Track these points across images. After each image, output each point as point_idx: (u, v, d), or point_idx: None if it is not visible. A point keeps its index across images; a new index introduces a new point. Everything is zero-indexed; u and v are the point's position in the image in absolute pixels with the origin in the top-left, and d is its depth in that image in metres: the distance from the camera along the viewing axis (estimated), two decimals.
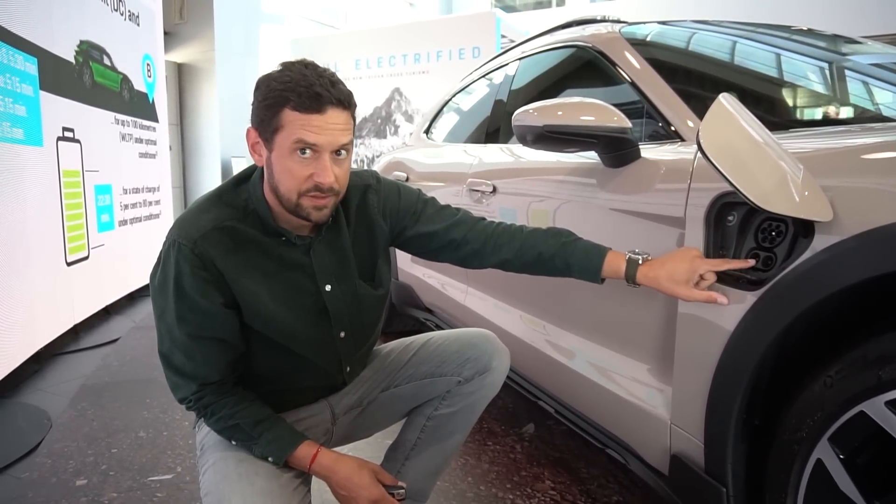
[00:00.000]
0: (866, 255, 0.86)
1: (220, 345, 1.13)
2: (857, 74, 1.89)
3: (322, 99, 1.04)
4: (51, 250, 3.05)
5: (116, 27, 4.02)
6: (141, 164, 4.41)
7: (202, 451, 1.21)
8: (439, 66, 6.86)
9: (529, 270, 1.31)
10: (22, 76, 2.75)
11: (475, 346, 1.33)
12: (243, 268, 1.12)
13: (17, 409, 2.44)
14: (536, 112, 1.44)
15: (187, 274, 1.08)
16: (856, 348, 0.92)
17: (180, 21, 7.06)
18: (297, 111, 1.03)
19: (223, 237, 1.10)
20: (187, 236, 1.09)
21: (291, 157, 1.06)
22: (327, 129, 1.05)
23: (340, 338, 1.26)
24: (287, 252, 1.17)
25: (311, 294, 1.20)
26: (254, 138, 1.11)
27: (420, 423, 1.36)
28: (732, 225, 1.11)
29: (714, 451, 1.12)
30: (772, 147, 0.98)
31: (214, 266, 1.09)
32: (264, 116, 1.06)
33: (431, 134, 3.18)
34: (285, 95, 1.03)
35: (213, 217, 1.11)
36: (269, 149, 1.08)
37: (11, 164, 2.63)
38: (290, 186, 1.07)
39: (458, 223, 1.33)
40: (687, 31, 2.00)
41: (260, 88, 1.07)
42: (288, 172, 1.07)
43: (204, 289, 1.09)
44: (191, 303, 1.09)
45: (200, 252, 1.08)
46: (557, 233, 1.29)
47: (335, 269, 1.22)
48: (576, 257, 1.23)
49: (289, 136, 1.04)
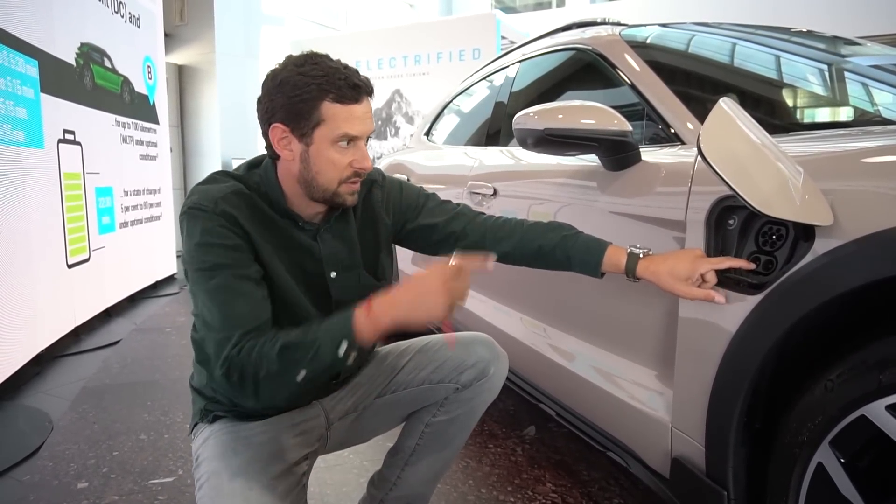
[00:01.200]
0: (867, 260, 0.86)
1: (256, 287, 1.08)
2: (857, 76, 1.89)
3: (360, 89, 1.08)
4: (52, 252, 3.05)
5: (117, 29, 4.03)
6: (142, 166, 4.42)
7: (198, 463, 1.19)
8: (439, 68, 6.85)
9: (529, 263, 1.32)
10: (23, 79, 2.76)
11: (473, 351, 1.32)
12: (262, 234, 1.12)
13: (19, 411, 2.44)
14: (537, 115, 1.45)
15: (214, 225, 1.06)
16: (856, 352, 0.92)
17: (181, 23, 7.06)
18: (339, 103, 1.06)
19: (241, 201, 1.11)
20: (208, 198, 1.08)
21: (334, 149, 1.09)
22: (366, 118, 1.10)
23: None
24: (296, 233, 1.18)
25: (317, 277, 1.21)
26: (281, 134, 1.10)
27: (418, 429, 1.35)
28: (733, 228, 1.11)
29: (715, 455, 1.12)
30: (772, 151, 0.98)
31: (238, 224, 1.08)
32: (300, 111, 1.06)
33: (432, 136, 3.18)
34: (325, 88, 1.05)
35: (229, 185, 1.13)
36: (305, 143, 1.09)
37: (12, 166, 2.64)
38: (332, 177, 1.10)
39: (458, 216, 1.36)
40: (687, 34, 2.00)
41: (286, 84, 1.06)
42: (330, 163, 1.09)
43: (231, 236, 1.07)
44: (219, 250, 1.05)
45: (223, 210, 1.07)
46: (558, 226, 1.30)
47: (341, 257, 1.23)
48: (576, 250, 1.24)
49: (333, 130, 1.07)
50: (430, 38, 6.96)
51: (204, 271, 1.06)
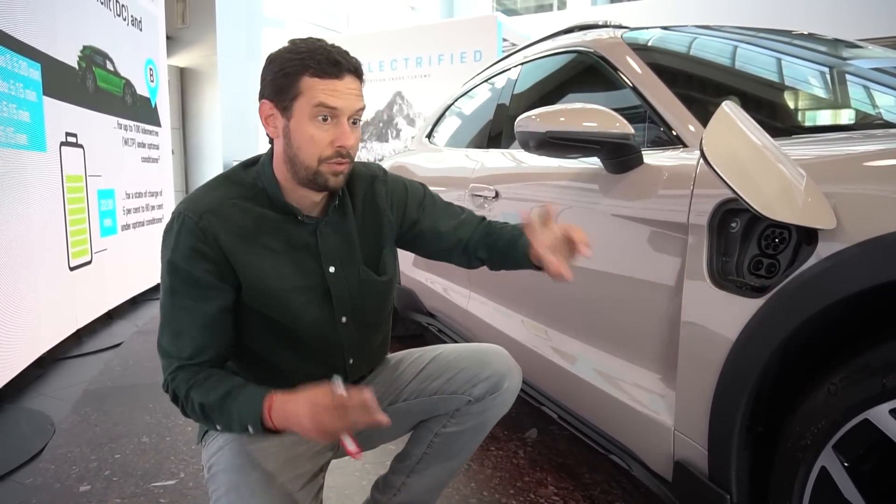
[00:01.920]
0: (870, 264, 0.86)
1: (209, 325, 1.10)
2: (858, 79, 1.90)
3: (341, 65, 1.09)
4: (54, 255, 3.05)
5: (119, 32, 4.04)
6: (143, 168, 4.42)
7: (211, 474, 1.17)
8: (441, 70, 6.86)
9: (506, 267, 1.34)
10: (25, 82, 2.76)
11: (487, 364, 1.30)
12: (249, 243, 1.13)
13: (21, 414, 2.45)
14: (539, 118, 1.45)
15: (186, 246, 1.09)
16: (860, 356, 0.92)
17: (183, 26, 7.08)
18: (317, 77, 1.07)
19: (230, 212, 1.12)
20: (194, 209, 1.10)
21: (312, 123, 1.09)
22: (346, 93, 1.09)
23: (342, 322, 1.24)
24: (294, 231, 1.18)
25: (316, 275, 1.20)
26: (268, 110, 1.12)
27: (427, 438, 1.34)
28: (736, 231, 1.11)
29: (718, 458, 1.12)
30: (775, 155, 0.98)
31: (217, 241, 1.09)
32: (282, 85, 1.08)
33: (434, 138, 3.18)
34: (305, 63, 1.07)
35: (221, 194, 1.14)
36: (286, 117, 1.10)
37: (15, 169, 2.64)
38: (312, 153, 1.10)
39: (464, 224, 1.36)
40: (689, 37, 2.00)
41: (274, 62, 1.10)
42: (309, 139, 1.09)
43: (199, 262, 1.09)
44: (184, 275, 1.09)
45: (205, 226, 1.09)
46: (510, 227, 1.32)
47: (340, 252, 1.23)
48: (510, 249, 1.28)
49: (309, 101, 1.07)
50: (432, 41, 6.98)
51: (165, 289, 1.12)
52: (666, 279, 1.28)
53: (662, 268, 1.29)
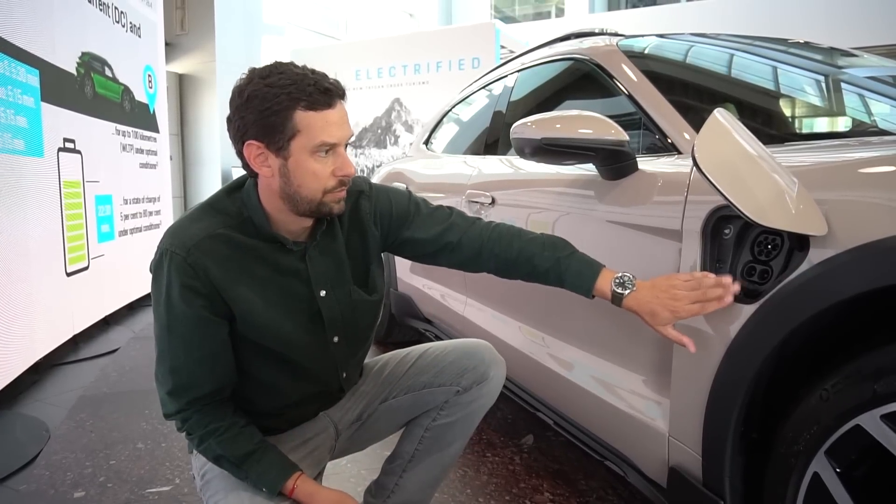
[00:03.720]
0: (861, 270, 0.87)
1: (208, 359, 1.11)
2: (853, 87, 1.91)
3: (331, 93, 1.05)
4: (51, 261, 3.05)
5: (118, 39, 4.05)
6: (141, 174, 4.43)
7: (205, 483, 1.19)
8: (439, 77, 6.89)
9: (523, 279, 1.31)
10: (24, 88, 2.77)
11: (472, 355, 1.34)
12: (238, 275, 1.10)
13: (16, 419, 2.44)
14: (534, 125, 1.46)
15: (177, 283, 1.07)
16: (851, 362, 0.92)
17: (182, 32, 7.10)
18: (312, 110, 1.02)
19: (217, 245, 1.09)
20: (181, 245, 1.07)
21: (313, 159, 1.05)
22: (342, 123, 1.07)
23: (334, 342, 1.24)
24: (282, 258, 1.15)
25: (306, 300, 1.19)
26: (256, 151, 1.06)
27: (418, 434, 1.36)
28: (729, 238, 1.12)
29: (712, 464, 1.12)
30: (767, 162, 0.99)
31: (207, 276, 1.07)
32: (273, 124, 1.02)
33: (431, 145, 3.19)
34: (293, 96, 1.01)
35: (205, 225, 1.10)
36: (283, 157, 1.05)
37: (12, 174, 2.64)
38: (315, 188, 1.07)
39: (452, 226, 1.31)
40: (684, 45, 2.01)
41: (254, 98, 1.02)
42: (312, 175, 1.06)
43: (193, 299, 1.07)
44: (179, 313, 1.08)
45: (193, 261, 1.06)
46: (553, 244, 1.26)
47: (330, 275, 1.21)
48: (569, 274, 1.22)
49: (311, 140, 1.03)
50: (430, 48, 7.01)
51: (161, 325, 1.11)
52: None
53: (656, 273, 1.29)
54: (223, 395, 1.16)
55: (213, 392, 1.13)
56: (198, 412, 1.12)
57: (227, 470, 1.14)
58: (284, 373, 1.22)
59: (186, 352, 1.10)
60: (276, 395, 1.24)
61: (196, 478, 1.24)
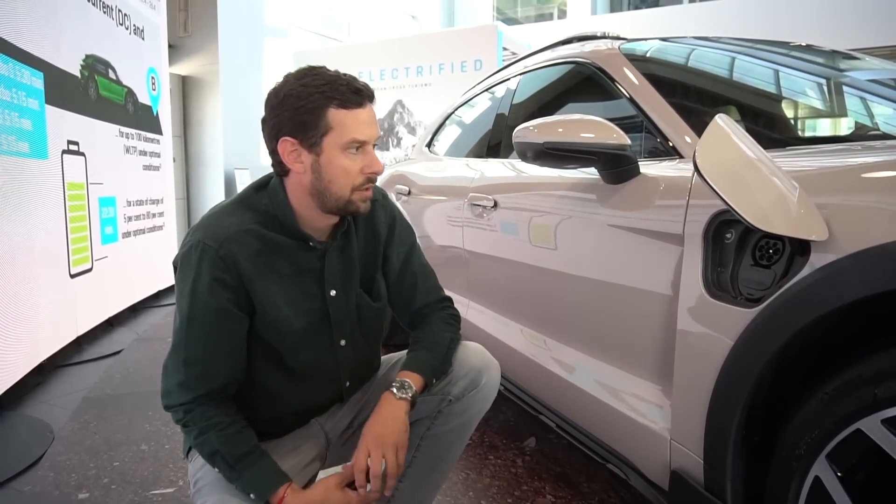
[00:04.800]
0: (861, 274, 0.87)
1: (224, 353, 1.13)
2: (856, 90, 1.91)
3: (362, 93, 1.11)
4: (55, 262, 3.07)
5: (122, 41, 4.07)
6: (145, 176, 4.44)
7: (197, 490, 1.18)
8: (441, 79, 6.90)
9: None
10: (28, 90, 2.79)
11: (464, 361, 1.31)
12: (264, 270, 1.14)
13: (20, 421, 2.45)
14: (536, 129, 1.46)
15: (206, 275, 1.09)
16: (852, 366, 0.93)
17: (185, 34, 7.12)
18: (344, 108, 1.08)
19: (248, 239, 1.13)
20: (213, 237, 1.10)
21: (344, 155, 1.11)
22: (371, 123, 1.12)
23: (341, 346, 1.26)
24: (303, 256, 1.19)
25: (318, 299, 1.21)
26: (290, 147, 1.11)
27: (414, 442, 1.32)
28: (730, 242, 1.12)
29: (713, 468, 1.13)
30: (768, 167, 0.99)
31: (237, 268, 1.10)
32: (307, 121, 1.08)
33: (434, 147, 3.20)
34: (328, 95, 1.07)
35: (237, 220, 1.14)
36: (315, 153, 1.10)
37: (16, 177, 2.66)
38: (345, 184, 1.12)
39: (425, 291, 1.38)
40: (686, 48, 2.02)
41: (289, 97, 1.09)
42: (343, 171, 1.11)
43: (219, 291, 1.10)
44: (203, 305, 1.10)
45: (225, 254, 1.09)
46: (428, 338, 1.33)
47: (342, 275, 1.24)
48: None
49: (342, 136, 1.09)
50: (432, 50, 7.02)
51: (183, 317, 1.13)
52: (662, 289, 1.29)
53: (658, 277, 1.30)
54: (228, 392, 1.17)
55: (221, 387, 1.15)
56: (202, 405, 1.13)
57: (220, 468, 1.12)
58: (288, 377, 1.22)
59: (204, 344, 1.12)
60: (278, 400, 1.24)
61: (190, 485, 1.24)
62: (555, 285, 1.74)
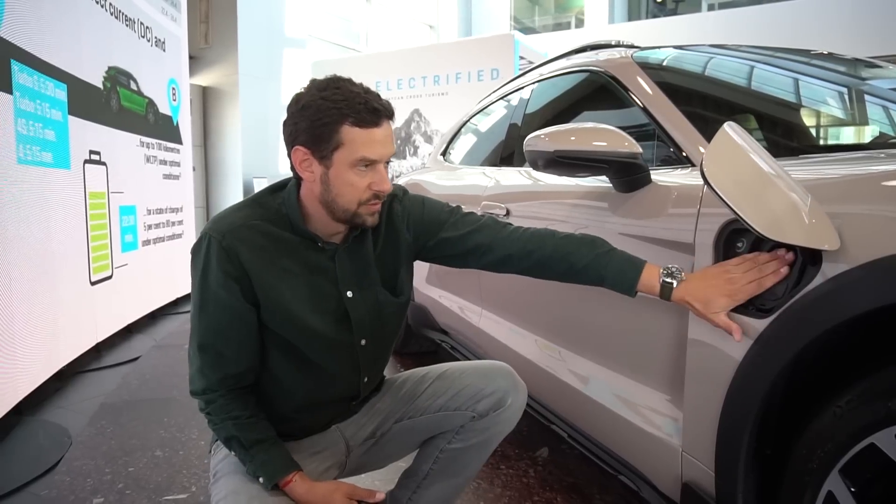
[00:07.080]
0: (874, 285, 0.86)
1: (234, 340, 1.17)
2: (877, 98, 1.88)
3: (379, 113, 1.11)
4: (75, 270, 3.12)
5: (143, 53, 4.14)
6: (165, 185, 4.51)
7: (215, 479, 1.22)
8: (458, 88, 6.92)
9: (559, 278, 1.27)
10: (52, 102, 2.85)
11: (492, 380, 1.31)
12: (268, 264, 1.16)
13: (39, 426, 2.49)
14: (547, 137, 1.46)
15: (213, 266, 1.13)
16: (865, 379, 0.91)
17: (205, 46, 7.24)
18: (358, 126, 1.09)
19: (252, 234, 1.16)
20: (218, 230, 1.15)
21: (352, 171, 1.12)
22: (385, 142, 1.13)
23: (361, 345, 1.27)
24: (312, 255, 1.21)
25: (333, 299, 1.22)
26: (303, 156, 1.13)
27: (433, 454, 1.34)
28: (742, 251, 1.11)
29: (725, 481, 1.11)
30: (778, 175, 0.98)
31: (239, 260, 1.13)
32: (321, 135, 1.10)
33: (449, 156, 3.21)
34: (345, 112, 1.08)
35: (245, 215, 1.18)
36: (325, 165, 1.12)
37: (40, 186, 2.71)
38: (351, 198, 1.14)
39: (483, 228, 1.30)
40: (702, 56, 2.00)
41: (308, 108, 1.10)
42: (349, 186, 1.12)
43: (226, 282, 1.13)
44: (213, 295, 1.15)
45: (228, 245, 1.13)
46: (591, 241, 1.23)
47: (357, 277, 1.25)
48: (610, 270, 1.19)
49: (352, 154, 1.10)
50: (450, 59, 7.05)
51: (195, 305, 1.18)
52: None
53: None
54: (247, 381, 1.21)
55: (237, 374, 1.18)
56: (222, 397, 1.17)
57: (235, 451, 1.17)
58: (304, 371, 1.23)
59: (215, 331, 1.16)
60: (294, 394, 1.25)
61: (210, 476, 1.27)
62: (566, 294, 1.73)
